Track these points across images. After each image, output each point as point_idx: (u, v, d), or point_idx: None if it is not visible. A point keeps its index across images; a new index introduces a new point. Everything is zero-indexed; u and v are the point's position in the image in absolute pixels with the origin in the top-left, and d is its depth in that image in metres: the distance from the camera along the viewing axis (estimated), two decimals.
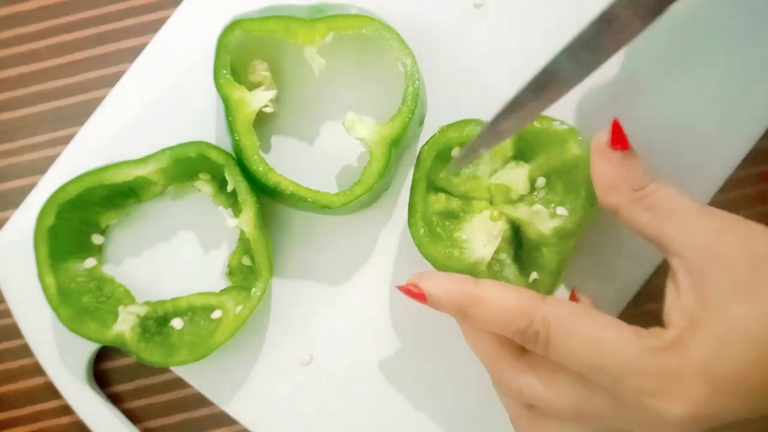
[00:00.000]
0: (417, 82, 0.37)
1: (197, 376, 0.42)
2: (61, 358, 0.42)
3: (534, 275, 0.38)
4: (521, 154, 0.38)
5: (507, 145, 0.38)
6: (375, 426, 0.42)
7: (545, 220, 0.37)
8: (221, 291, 0.41)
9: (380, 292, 0.42)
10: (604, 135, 0.33)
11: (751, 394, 0.29)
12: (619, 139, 0.33)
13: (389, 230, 0.42)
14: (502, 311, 0.32)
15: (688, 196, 0.32)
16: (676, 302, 0.31)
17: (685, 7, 0.39)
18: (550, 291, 0.38)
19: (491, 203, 0.39)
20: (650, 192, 0.32)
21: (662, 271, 0.39)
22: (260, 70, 0.40)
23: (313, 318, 0.42)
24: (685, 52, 0.40)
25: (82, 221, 0.41)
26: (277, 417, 0.42)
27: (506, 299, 0.32)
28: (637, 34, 0.29)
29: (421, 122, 0.40)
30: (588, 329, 0.30)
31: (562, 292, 0.40)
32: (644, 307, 0.42)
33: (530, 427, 0.34)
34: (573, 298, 0.37)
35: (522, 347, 0.33)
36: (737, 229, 0.30)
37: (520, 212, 0.38)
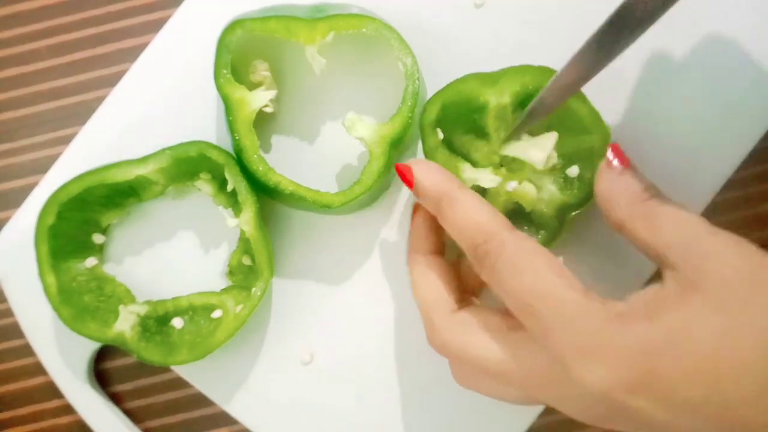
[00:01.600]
0: (417, 81, 0.37)
1: (197, 375, 0.42)
2: (62, 357, 0.42)
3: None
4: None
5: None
6: (375, 425, 0.42)
7: (552, 199, 0.37)
8: (222, 290, 0.41)
9: (381, 292, 0.42)
10: (606, 158, 0.34)
11: (684, 408, 0.27)
12: (617, 155, 0.33)
13: (389, 229, 0.42)
14: (470, 220, 0.33)
15: (690, 211, 0.31)
16: (645, 292, 0.29)
17: (686, 7, 0.39)
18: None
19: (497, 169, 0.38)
20: (650, 207, 0.31)
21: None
22: (261, 70, 0.40)
23: (314, 317, 0.42)
24: (685, 53, 0.40)
25: (82, 220, 0.41)
26: (278, 416, 0.42)
27: (478, 211, 0.33)
28: None
29: None
30: (540, 269, 0.30)
31: None
32: None
33: (464, 383, 0.35)
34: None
35: (459, 304, 0.34)
36: (739, 247, 0.29)
37: (527, 189, 0.38)
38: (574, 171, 0.37)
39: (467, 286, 0.38)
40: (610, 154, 0.33)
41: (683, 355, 0.27)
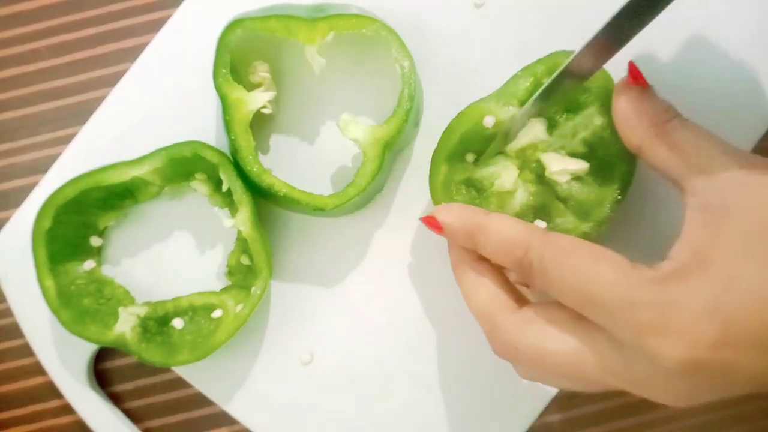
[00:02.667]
0: (413, 84, 0.37)
1: (198, 375, 0.42)
2: (62, 357, 0.42)
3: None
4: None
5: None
6: (375, 425, 0.42)
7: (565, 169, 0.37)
8: (221, 290, 0.41)
9: (379, 292, 0.42)
10: (623, 78, 0.33)
11: (765, 351, 0.26)
12: (636, 76, 0.32)
13: (385, 230, 0.42)
14: (504, 239, 0.32)
15: (711, 135, 0.30)
16: (681, 238, 0.29)
17: (686, 6, 0.39)
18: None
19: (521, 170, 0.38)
20: (673, 127, 0.31)
21: None
22: (260, 71, 0.40)
23: (313, 317, 0.42)
24: (684, 53, 0.40)
25: (79, 223, 0.41)
26: (278, 416, 0.42)
27: (509, 228, 0.32)
28: None
29: (417, 124, 0.41)
30: (583, 261, 0.29)
31: None
32: None
33: (532, 377, 0.33)
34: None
35: (518, 303, 0.33)
36: (761, 169, 0.28)
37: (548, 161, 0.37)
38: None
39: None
40: (632, 71, 0.32)
41: (750, 294, 0.26)
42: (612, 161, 0.36)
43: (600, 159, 0.36)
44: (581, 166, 0.36)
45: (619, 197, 0.36)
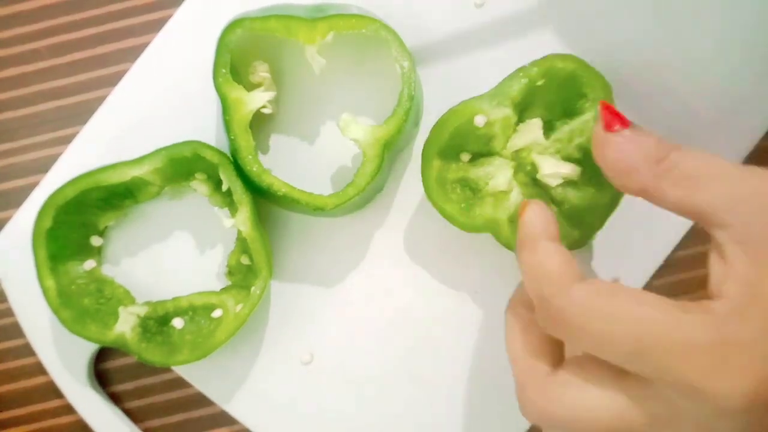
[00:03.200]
0: (413, 84, 0.37)
1: (198, 375, 0.42)
2: (62, 357, 0.42)
3: None
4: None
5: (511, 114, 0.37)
6: (375, 425, 0.42)
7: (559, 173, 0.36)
8: (221, 290, 0.41)
9: (379, 292, 0.42)
10: (597, 125, 0.30)
11: None
12: (613, 118, 0.30)
13: (385, 230, 0.42)
14: (540, 268, 0.29)
15: (719, 157, 0.27)
16: (727, 274, 0.26)
17: (686, 6, 0.39)
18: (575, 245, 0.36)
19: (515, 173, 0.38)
20: (675, 163, 0.28)
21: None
22: (260, 71, 0.40)
23: (313, 317, 0.42)
24: (684, 53, 0.40)
25: (80, 223, 0.41)
26: (278, 416, 0.42)
27: (550, 260, 0.29)
28: None
29: (417, 123, 0.41)
30: (625, 307, 0.26)
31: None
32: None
33: None
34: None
35: (554, 361, 0.30)
36: None
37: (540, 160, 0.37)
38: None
39: None
40: (605, 116, 0.30)
41: None
42: None
43: (594, 165, 0.36)
44: (572, 170, 0.36)
45: (613, 204, 0.36)
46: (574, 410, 0.28)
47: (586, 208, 0.37)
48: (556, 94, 0.37)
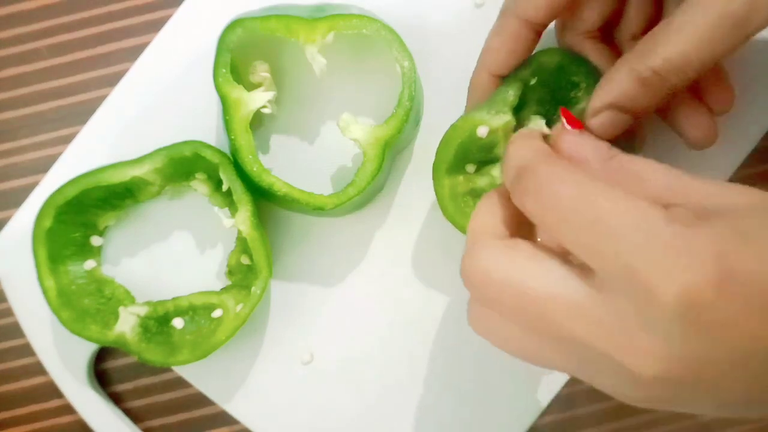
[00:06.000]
0: (414, 84, 0.37)
1: (198, 375, 0.42)
2: (62, 357, 0.42)
3: None
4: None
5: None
6: (375, 425, 0.42)
7: None
8: (221, 290, 0.41)
9: (379, 292, 0.42)
10: (554, 127, 0.32)
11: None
12: (570, 120, 0.31)
13: (385, 230, 0.42)
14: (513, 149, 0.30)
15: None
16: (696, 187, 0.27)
17: None
18: None
19: None
20: (622, 161, 0.29)
21: None
22: (261, 71, 0.40)
23: (313, 317, 0.42)
24: None
25: (80, 223, 0.41)
26: (278, 416, 0.42)
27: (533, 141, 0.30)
28: None
29: (417, 123, 0.41)
30: (599, 185, 0.26)
31: None
32: None
33: (485, 328, 0.30)
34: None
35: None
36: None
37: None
38: None
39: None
40: (565, 116, 0.31)
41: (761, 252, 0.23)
42: None
43: None
44: None
45: None
46: (506, 272, 0.27)
47: None
48: (548, 88, 0.37)
